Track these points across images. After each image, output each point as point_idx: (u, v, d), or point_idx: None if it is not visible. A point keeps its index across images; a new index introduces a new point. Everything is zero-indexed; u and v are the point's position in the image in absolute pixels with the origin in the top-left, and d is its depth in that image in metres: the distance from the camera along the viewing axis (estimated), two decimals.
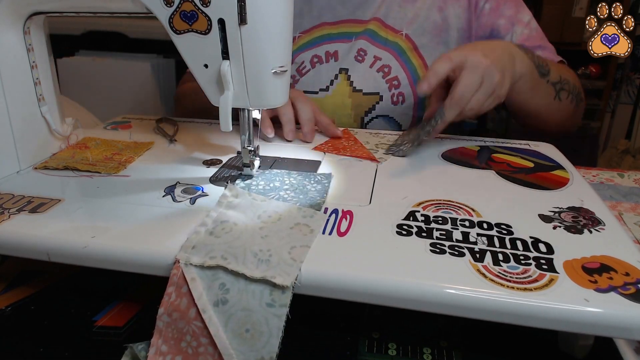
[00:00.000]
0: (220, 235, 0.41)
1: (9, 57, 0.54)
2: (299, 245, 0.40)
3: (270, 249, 0.39)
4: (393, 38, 0.81)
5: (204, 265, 0.38)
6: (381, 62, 0.80)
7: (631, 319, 0.33)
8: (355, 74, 0.81)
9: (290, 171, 0.55)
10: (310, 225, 0.43)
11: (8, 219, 0.44)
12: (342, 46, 0.82)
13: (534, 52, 0.69)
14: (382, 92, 0.80)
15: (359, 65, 0.81)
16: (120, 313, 0.44)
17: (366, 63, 0.81)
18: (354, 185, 0.53)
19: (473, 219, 0.45)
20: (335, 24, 0.83)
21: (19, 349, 0.40)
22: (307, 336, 0.41)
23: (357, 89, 0.81)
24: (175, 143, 0.66)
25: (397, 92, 0.80)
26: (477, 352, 0.40)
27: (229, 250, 0.39)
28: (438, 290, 0.36)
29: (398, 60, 0.80)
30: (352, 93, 0.81)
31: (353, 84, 0.81)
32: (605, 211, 0.47)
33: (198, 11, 0.45)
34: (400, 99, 0.80)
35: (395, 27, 0.81)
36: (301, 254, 0.39)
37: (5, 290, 0.47)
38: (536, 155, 0.64)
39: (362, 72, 0.81)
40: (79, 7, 0.54)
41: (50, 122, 0.59)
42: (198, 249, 0.39)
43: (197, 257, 0.38)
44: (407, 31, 0.81)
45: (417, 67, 0.81)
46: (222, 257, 0.38)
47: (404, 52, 0.81)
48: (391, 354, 0.39)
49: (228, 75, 0.47)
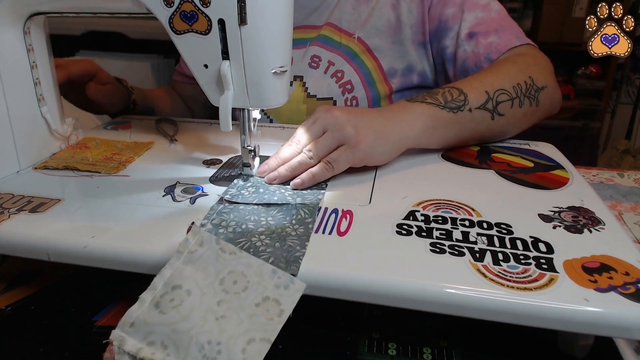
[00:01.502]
0: (166, 311, 0.34)
1: (9, 57, 0.54)
2: (259, 339, 0.33)
3: (221, 342, 0.33)
4: (346, 42, 0.79)
5: (137, 358, 0.32)
6: (335, 67, 0.79)
7: (631, 318, 0.33)
8: (309, 80, 0.80)
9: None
10: (281, 302, 0.35)
11: (8, 218, 0.44)
12: (296, 52, 0.81)
13: (438, 91, 0.60)
14: (335, 97, 0.79)
15: (314, 71, 0.80)
16: (120, 313, 0.43)
17: (320, 69, 0.79)
18: (354, 185, 0.53)
19: (473, 219, 0.45)
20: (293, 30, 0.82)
21: (19, 349, 0.40)
22: (307, 336, 0.41)
23: (311, 94, 0.79)
24: (175, 143, 0.66)
25: (351, 96, 0.78)
26: (477, 352, 0.40)
27: (171, 336, 0.33)
28: (438, 290, 0.36)
29: (351, 64, 0.79)
30: (307, 99, 0.80)
31: (307, 90, 0.80)
32: (605, 211, 0.47)
33: (198, 11, 0.45)
34: (354, 103, 0.79)
35: (349, 31, 0.80)
36: (258, 353, 0.32)
37: (5, 290, 0.47)
38: (536, 155, 0.64)
39: (316, 78, 0.80)
40: (79, 7, 0.54)
41: (50, 122, 0.59)
42: (137, 328, 0.33)
43: (133, 340, 0.33)
44: (359, 34, 0.79)
45: (370, 70, 0.79)
46: (161, 345, 0.32)
47: (357, 54, 0.79)
48: (391, 354, 0.39)
49: (228, 76, 0.47)
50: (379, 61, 0.79)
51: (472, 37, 0.71)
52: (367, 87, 0.78)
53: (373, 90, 0.78)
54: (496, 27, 0.71)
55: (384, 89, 0.79)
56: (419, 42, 0.78)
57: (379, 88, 0.78)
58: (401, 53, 0.79)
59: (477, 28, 0.71)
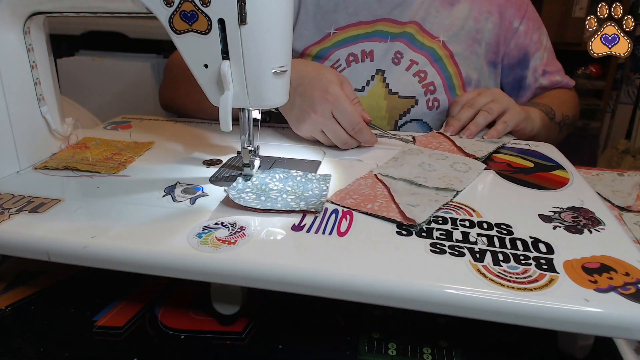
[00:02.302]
0: None
1: (9, 57, 0.54)
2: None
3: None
4: (429, 43, 0.81)
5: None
6: (418, 67, 0.80)
7: (631, 319, 0.33)
8: (391, 76, 0.80)
9: (289, 170, 0.55)
10: None
11: (8, 219, 0.44)
12: (378, 45, 0.81)
13: (542, 103, 0.81)
14: (417, 97, 0.80)
15: (395, 67, 0.80)
16: (120, 313, 0.44)
17: (402, 66, 0.80)
18: None
19: (473, 219, 0.45)
20: (372, 22, 0.82)
21: (19, 349, 0.40)
22: (307, 336, 0.41)
23: (392, 91, 0.80)
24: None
25: (433, 98, 0.80)
26: (477, 352, 0.40)
27: None
28: (438, 290, 0.36)
29: (434, 66, 0.80)
30: (388, 95, 0.80)
31: (389, 86, 0.80)
32: (605, 211, 0.47)
33: (198, 11, 0.45)
34: (436, 104, 0.80)
35: (432, 33, 0.81)
36: None
37: (5, 290, 0.47)
38: (536, 155, 0.64)
39: (398, 74, 0.80)
40: (79, 7, 0.54)
41: (50, 122, 0.59)
42: None
43: None
44: (443, 38, 0.81)
45: (452, 75, 0.81)
46: None
47: (440, 58, 0.81)
48: (391, 354, 0.39)
49: (228, 75, 0.47)
50: (459, 68, 0.81)
51: (544, 74, 0.88)
52: (447, 91, 0.81)
53: (453, 95, 0.81)
54: (557, 69, 0.90)
55: None
56: (491, 60, 0.84)
57: (458, 94, 0.81)
58: (476, 65, 0.83)
59: (548, 67, 0.88)
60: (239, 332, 0.42)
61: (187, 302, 0.45)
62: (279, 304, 0.45)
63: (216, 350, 0.40)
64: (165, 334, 0.41)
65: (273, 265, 0.38)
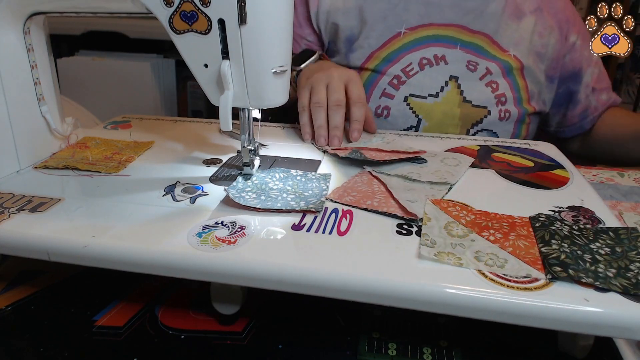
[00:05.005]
0: None
1: (9, 57, 0.54)
2: None
3: None
4: (501, 56, 0.81)
5: None
6: (491, 77, 0.80)
7: (631, 319, 0.33)
8: (465, 83, 0.80)
9: (289, 170, 0.55)
10: None
11: (8, 218, 0.44)
12: (449, 52, 0.81)
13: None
14: (490, 107, 0.80)
15: (470, 74, 0.80)
16: (120, 313, 0.44)
17: (477, 74, 0.80)
18: None
19: None
20: (444, 26, 0.82)
21: (19, 349, 0.40)
22: (307, 336, 0.41)
23: (467, 99, 0.80)
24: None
25: (504, 109, 0.80)
26: (477, 352, 0.40)
27: None
28: (438, 290, 0.36)
29: (505, 78, 0.80)
30: (462, 103, 0.80)
31: (463, 94, 0.80)
32: (606, 211, 0.47)
33: (198, 11, 0.45)
34: (507, 115, 0.80)
35: (503, 46, 0.81)
36: None
37: (5, 290, 0.47)
38: (536, 155, 0.64)
39: (473, 83, 0.80)
40: (79, 7, 0.54)
41: (50, 122, 0.59)
42: None
43: None
44: (514, 52, 0.81)
45: (520, 88, 0.81)
46: None
47: (512, 70, 0.81)
48: (391, 354, 0.39)
49: (228, 75, 0.47)
50: (526, 81, 0.82)
51: (594, 91, 0.87)
52: (516, 103, 0.81)
53: (521, 108, 0.81)
54: (606, 86, 0.89)
55: (530, 108, 0.82)
56: (549, 75, 0.85)
57: (526, 107, 0.82)
58: (539, 79, 0.83)
59: (597, 85, 0.87)
60: (239, 332, 0.42)
61: (187, 302, 0.45)
62: (279, 304, 0.45)
63: (216, 350, 0.40)
64: (165, 333, 0.41)
65: (273, 265, 0.38)
